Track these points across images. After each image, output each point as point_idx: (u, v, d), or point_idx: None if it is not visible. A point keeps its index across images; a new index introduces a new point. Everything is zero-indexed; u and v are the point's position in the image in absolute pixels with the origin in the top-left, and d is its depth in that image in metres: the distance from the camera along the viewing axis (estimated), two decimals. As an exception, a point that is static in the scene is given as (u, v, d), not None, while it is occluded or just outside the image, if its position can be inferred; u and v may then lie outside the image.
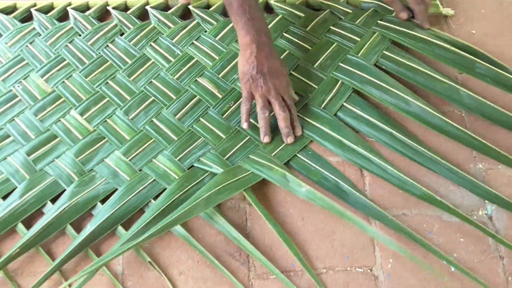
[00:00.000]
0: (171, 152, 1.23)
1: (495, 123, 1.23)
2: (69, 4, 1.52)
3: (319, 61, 1.37)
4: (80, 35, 1.46)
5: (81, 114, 1.31)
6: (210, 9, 1.50)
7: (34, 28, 1.49)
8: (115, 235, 1.15)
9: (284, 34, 1.44)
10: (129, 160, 1.23)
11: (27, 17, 1.54)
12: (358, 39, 1.40)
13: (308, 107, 1.28)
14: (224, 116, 1.28)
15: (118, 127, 1.28)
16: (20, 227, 1.15)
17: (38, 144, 1.27)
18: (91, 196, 1.18)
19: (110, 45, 1.43)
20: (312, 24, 1.44)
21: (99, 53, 1.41)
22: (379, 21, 1.44)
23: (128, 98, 1.33)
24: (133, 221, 1.14)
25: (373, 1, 1.50)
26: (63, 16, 1.51)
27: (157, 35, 1.44)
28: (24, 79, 1.39)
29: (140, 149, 1.25)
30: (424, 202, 1.13)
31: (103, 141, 1.27)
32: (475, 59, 1.30)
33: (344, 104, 1.29)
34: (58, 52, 1.42)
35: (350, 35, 1.42)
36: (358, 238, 1.13)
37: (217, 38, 1.43)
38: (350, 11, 1.48)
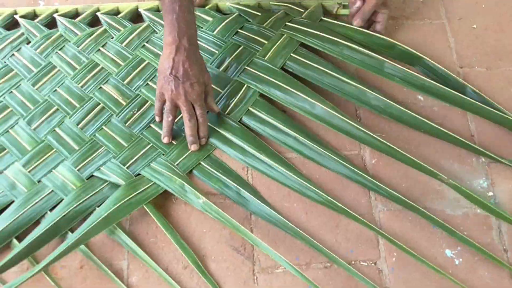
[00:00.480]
0: (71, 162, 1.22)
1: (403, 123, 1.26)
2: (-24, 14, 1.49)
3: (224, 65, 1.36)
4: (-15, 44, 1.43)
5: (-17, 125, 1.28)
6: (119, 15, 1.48)
7: None
8: (9, 248, 1.14)
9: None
10: (29, 171, 1.21)
11: None
12: (265, 42, 1.39)
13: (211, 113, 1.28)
14: (127, 123, 1.28)
15: (20, 138, 1.27)
16: None
17: None
18: (-14, 209, 1.15)
19: (16, 54, 1.41)
20: (219, 27, 1.43)
21: (4, 62, 1.40)
22: (287, 23, 1.43)
23: (32, 107, 1.31)
24: (29, 233, 1.12)
25: (284, 4, 1.48)
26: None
27: (64, 43, 1.43)
28: None
29: (41, 160, 1.23)
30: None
31: (4, 152, 1.26)
32: (384, 59, 1.31)
33: (250, 108, 1.28)
34: (-39, 63, 1.39)
35: (257, 38, 1.42)
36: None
37: (123, 44, 1.42)
38: (259, 14, 1.46)
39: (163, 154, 1.24)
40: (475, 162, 1.24)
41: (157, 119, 1.24)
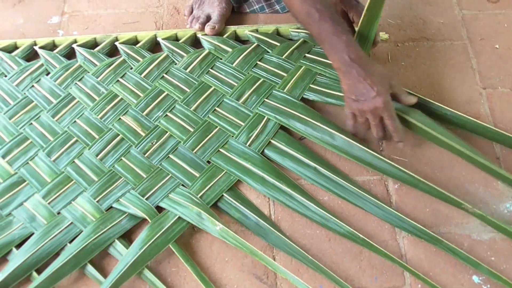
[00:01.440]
0: (90, 193, 1.22)
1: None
2: (-4, 45, 1.51)
3: (244, 97, 1.36)
4: (6, 76, 1.44)
5: (3, 156, 1.30)
6: (137, 45, 1.49)
7: (-42, 71, 1.48)
8: (29, 280, 1.13)
9: (210, 70, 1.44)
10: (48, 203, 1.22)
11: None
12: (285, 74, 1.40)
13: (234, 145, 1.29)
14: (146, 155, 1.28)
15: (40, 169, 1.27)
16: None
17: (-44, 190, 1.25)
18: (6, 242, 1.17)
19: (35, 85, 1.42)
20: (239, 59, 1.44)
21: (24, 93, 1.41)
22: (306, 54, 1.43)
23: (51, 139, 1.32)
24: (49, 265, 1.12)
25: (303, 31, 1.49)
26: (-10, 58, 1.49)
27: (83, 74, 1.44)
28: None
29: (60, 192, 1.24)
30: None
31: (24, 184, 1.26)
32: (404, 89, 1.29)
33: (271, 140, 1.28)
34: (-18, 95, 1.40)
35: (276, 70, 1.42)
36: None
37: (142, 75, 1.42)
38: (278, 44, 1.46)
39: (183, 185, 1.24)
40: (501, 185, 1.22)
41: (357, 135, 1.25)
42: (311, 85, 1.37)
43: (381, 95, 1.13)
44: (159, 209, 1.20)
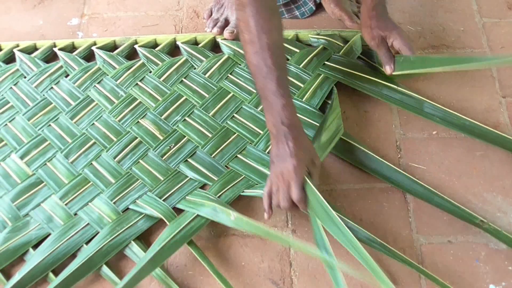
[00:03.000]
0: (107, 195, 1.22)
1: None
2: (17, 46, 1.51)
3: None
4: (25, 77, 1.45)
5: (21, 157, 1.30)
6: (157, 48, 1.49)
7: (-22, 71, 1.48)
8: (46, 281, 1.13)
9: (229, 75, 1.44)
10: (65, 204, 1.22)
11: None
12: (301, 85, 1.40)
13: (252, 151, 1.29)
14: (164, 157, 1.28)
15: (57, 171, 1.27)
16: None
17: (-25, 189, 1.25)
18: (23, 242, 1.18)
19: (54, 87, 1.43)
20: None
21: (43, 95, 1.41)
22: (326, 62, 1.43)
23: (70, 140, 1.32)
24: (66, 267, 1.12)
25: (323, 37, 1.48)
26: (10, 58, 1.50)
27: (102, 76, 1.44)
28: (-34, 122, 1.38)
29: (77, 193, 1.24)
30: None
31: (41, 185, 1.26)
32: (423, 98, 1.30)
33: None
34: (2, 95, 1.42)
35: (294, 80, 1.41)
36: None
37: (161, 79, 1.43)
38: (297, 50, 1.46)
39: (201, 188, 1.24)
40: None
41: (266, 216, 1.12)
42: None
43: (296, 161, 1.06)
44: (176, 210, 1.21)
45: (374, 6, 1.30)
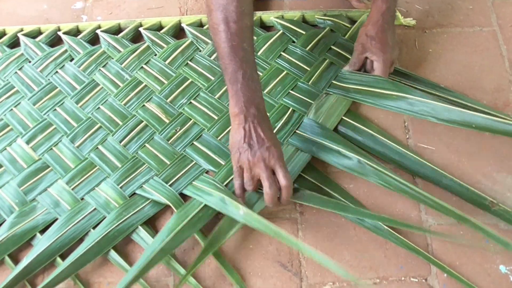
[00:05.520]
0: (114, 179, 1.22)
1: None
2: (21, 30, 1.50)
3: (269, 87, 1.35)
4: (30, 62, 1.44)
5: (27, 142, 1.30)
6: (162, 31, 1.48)
7: (-16, 56, 1.48)
8: (54, 265, 1.14)
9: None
10: (72, 189, 1.22)
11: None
12: (308, 68, 1.39)
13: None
14: (170, 141, 1.27)
15: (63, 155, 1.27)
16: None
17: (-18, 174, 1.25)
18: (30, 227, 1.17)
19: (59, 71, 1.42)
20: (264, 48, 1.43)
21: (48, 79, 1.40)
22: (332, 46, 1.42)
23: (75, 125, 1.32)
24: (73, 251, 1.12)
25: (329, 18, 1.47)
26: (15, 43, 1.49)
27: (107, 60, 1.43)
28: (-28, 107, 1.37)
29: (84, 178, 1.24)
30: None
31: (48, 169, 1.26)
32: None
33: (296, 131, 1.28)
34: (7, 80, 1.41)
35: (300, 64, 1.40)
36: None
37: (166, 62, 1.41)
38: (304, 32, 1.44)
39: (207, 173, 1.23)
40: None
41: (241, 200, 1.12)
42: (334, 81, 1.36)
43: (278, 145, 1.08)
44: (183, 196, 1.20)
45: (385, 10, 1.26)
